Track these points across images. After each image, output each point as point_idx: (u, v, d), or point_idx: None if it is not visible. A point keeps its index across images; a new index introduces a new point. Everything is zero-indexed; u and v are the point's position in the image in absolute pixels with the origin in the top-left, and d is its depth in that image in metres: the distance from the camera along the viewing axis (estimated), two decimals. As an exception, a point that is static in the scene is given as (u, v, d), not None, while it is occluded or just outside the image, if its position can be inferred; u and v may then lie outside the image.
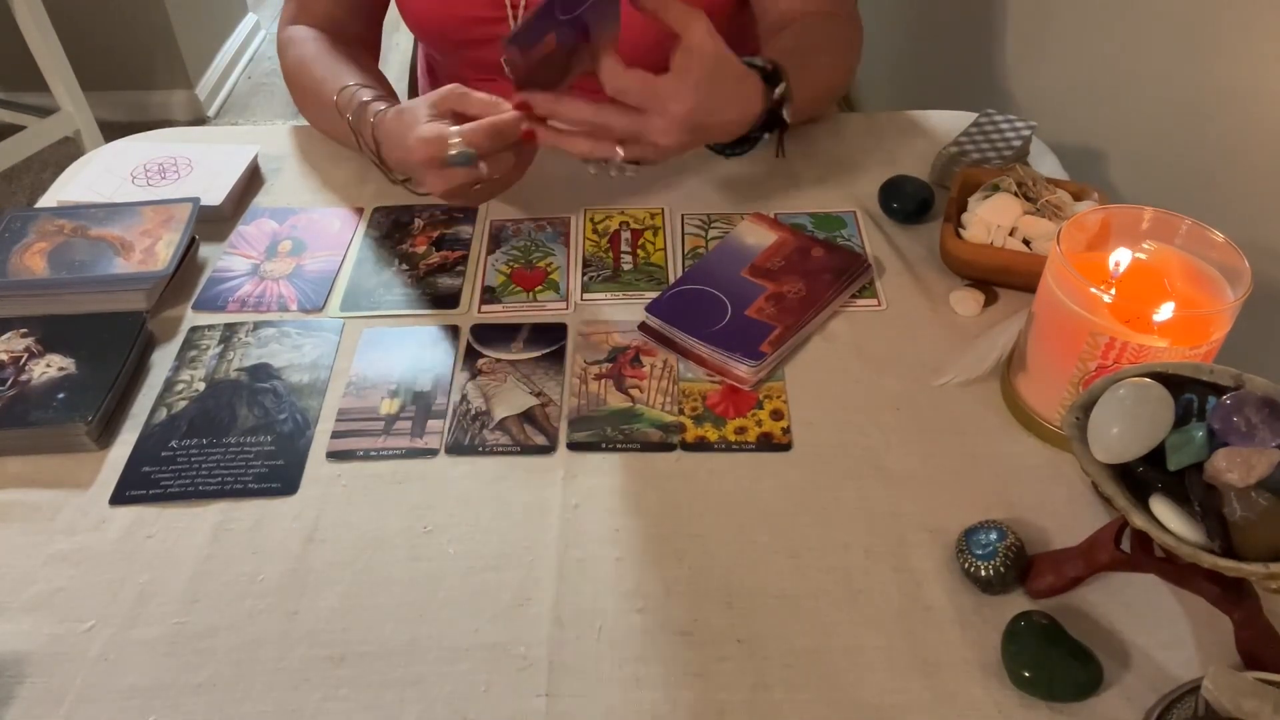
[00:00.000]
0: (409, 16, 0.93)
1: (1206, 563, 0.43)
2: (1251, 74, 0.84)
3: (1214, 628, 0.51)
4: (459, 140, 0.68)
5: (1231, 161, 0.87)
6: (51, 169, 2.34)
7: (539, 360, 0.69)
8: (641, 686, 0.50)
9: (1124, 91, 1.04)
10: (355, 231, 0.82)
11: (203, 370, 0.69)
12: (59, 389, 0.64)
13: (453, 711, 0.49)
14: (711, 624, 0.53)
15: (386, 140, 0.76)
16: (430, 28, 0.94)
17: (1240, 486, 0.44)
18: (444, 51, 1.01)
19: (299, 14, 0.93)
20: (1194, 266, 0.60)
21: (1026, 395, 0.63)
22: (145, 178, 0.86)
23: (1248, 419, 0.45)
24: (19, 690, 0.50)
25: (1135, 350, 0.55)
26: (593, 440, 0.63)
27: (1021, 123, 0.87)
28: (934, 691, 0.49)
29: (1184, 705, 0.45)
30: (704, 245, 0.79)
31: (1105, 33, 1.08)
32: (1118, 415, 0.47)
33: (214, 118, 2.75)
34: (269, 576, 0.55)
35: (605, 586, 0.55)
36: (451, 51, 0.98)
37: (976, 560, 0.53)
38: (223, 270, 0.78)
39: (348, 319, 0.73)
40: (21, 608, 0.54)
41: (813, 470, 0.61)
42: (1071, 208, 0.74)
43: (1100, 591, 0.53)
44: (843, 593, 0.54)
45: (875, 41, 2.18)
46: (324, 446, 0.63)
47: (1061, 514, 0.58)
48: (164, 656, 0.52)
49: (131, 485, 0.61)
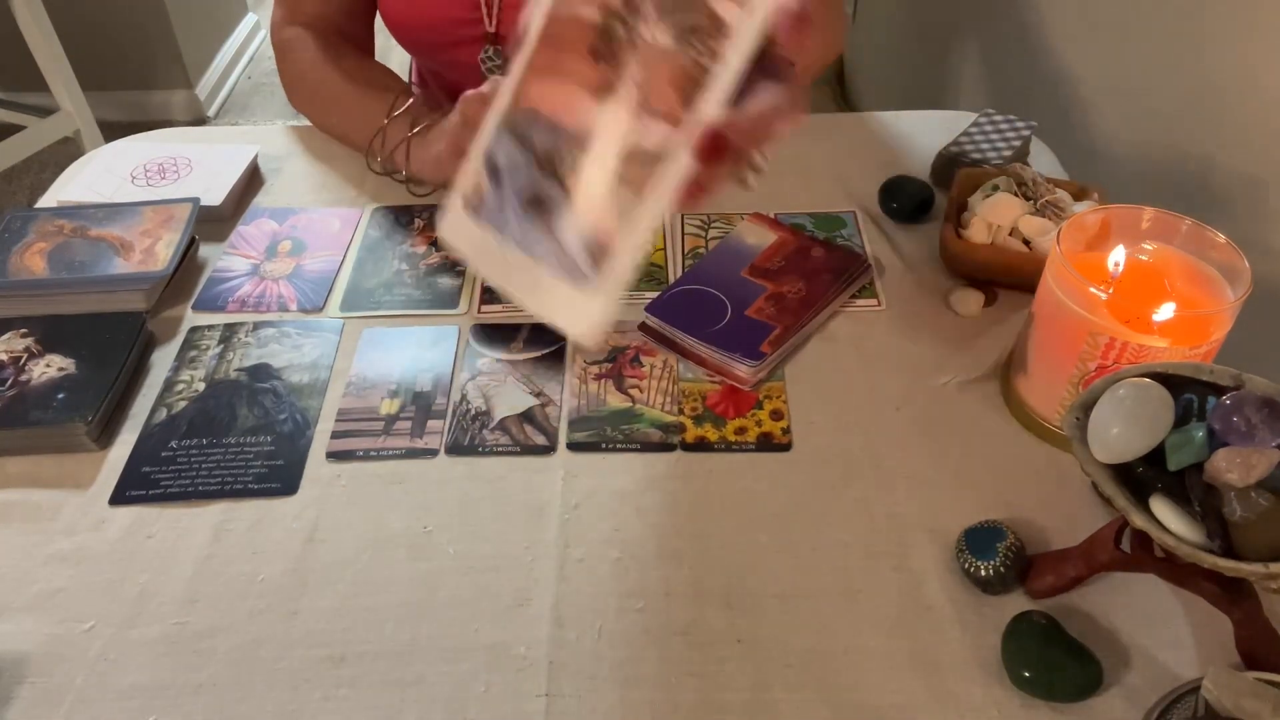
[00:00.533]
0: (387, 19, 0.94)
1: (1206, 563, 0.43)
2: (1252, 74, 0.84)
3: (1214, 628, 0.51)
4: None
5: (1231, 162, 0.87)
6: (51, 169, 2.34)
7: (539, 360, 0.69)
8: (641, 686, 0.50)
9: (1124, 91, 1.04)
10: (355, 231, 0.82)
11: (203, 370, 0.69)
12: (59, 389, 0.64)
13: (453, 711, 0.49)
14: (711, 624, 0.53)
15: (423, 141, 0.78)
16: (407, 31, 0.94)
17: (1240, 486, 0.44)
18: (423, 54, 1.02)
19: (293, 14, 0.94)
20: (1194, 266, 0.60)
21: (1026, 395, 0.63)
22: (145, 178, 0.86)
23: (1248, 419, 0.45)
24: (19, 690, 0.50)
25: (1135, 350, 0.55)
26: (593, 440, 0.63)
27: (1021, 123, 0.87)
28: (934, 691, 0.49)
29: (1184, 705, 0.45)
30: (704, 245, 0.79)
31: (1105, 32, 1.08)
32: (1118, 415, 0.47)
33: (214, 118, 2.75)
34: (269, 576, 0.55)
35: (605, 586, 0.55)
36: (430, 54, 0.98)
37: (976, 560, 0.53)
38: (223, 270, 0.78)
39: (348, 319, 0.73)
40: (21, 608, 0.54)
41: (813, 470, 0.61)
42: (1071, 208, 0.74)
43: (1100, 591, 0.53)
44: (843, 593, 0.54)
45: (875, 41, 2.18)
46: (324, 446, 0.63)
47: (1061, 514, 0.58)
48: (164, 656, 0.52)
49: (131, 485, 0.61)
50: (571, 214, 0.43)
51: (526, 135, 0.45)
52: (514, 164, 0.45)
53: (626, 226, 0.42)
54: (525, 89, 0.45)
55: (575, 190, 0.43)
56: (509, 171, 0.45)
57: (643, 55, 0.41)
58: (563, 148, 0.43)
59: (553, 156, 0.44)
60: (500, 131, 0.46)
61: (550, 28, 0.44)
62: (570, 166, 0.43)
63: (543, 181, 0.44)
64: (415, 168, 0.81)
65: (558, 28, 0.44)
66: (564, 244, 0.43)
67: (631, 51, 0.42)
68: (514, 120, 0.45)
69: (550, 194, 0.44)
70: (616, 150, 0.42)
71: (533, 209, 0.44)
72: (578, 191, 0.43)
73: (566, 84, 0.44)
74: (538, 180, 0.44)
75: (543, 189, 0.44)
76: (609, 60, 0.42)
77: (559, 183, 0.43)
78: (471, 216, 0.47)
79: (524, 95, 0.45)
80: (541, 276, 0.44)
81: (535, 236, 0.44)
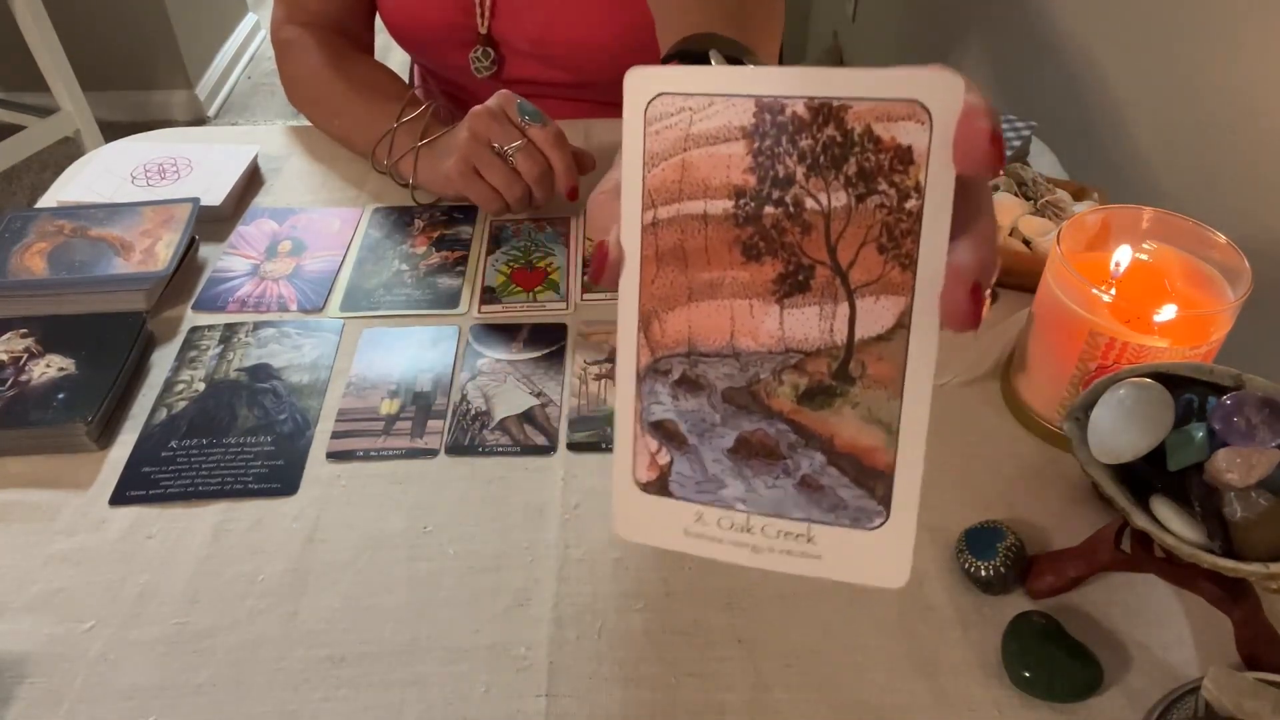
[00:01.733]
0: (385, 20, 0.94)
1: (1206, 563, 0.43)
2: (1252, 74, 0.84)
3: (1214, 628, 0.51)
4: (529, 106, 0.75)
5: (1231, 161, 0.87)
6: (51, 169, 2.34)
7: (539, 360, 0.69)
8: (641, 686, 0.50)
9: (1124, 91, 1.04)
10: (355, 231, 0.82)
11: (203, 370, 0.69)
12: (59, 389, 0.64)
13: (453, 711, 0.49)
14: (711, 624, 0.53)
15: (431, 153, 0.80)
16: (404, 32, 0.95)
17: (1240, 486, 0.44)
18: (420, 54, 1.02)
19: (294, 13, 0.94)
20: (1194, 266, 0.60)
21: (1026, 395, 0.63)
22: (145, 178, 0.86)
23: (1248, 419, 0.45)
24: (19, 690, 0.50)
25: (1135, 350, 0.55)
26: (593, 440, 0.63)
27: (1021, 123, 0.87)
28: (934, 691, 0.49)
29: (1184, 705, 0.45)
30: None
31: (1106, 33, 1.08)
32: (1118, 415, 0.47)
33: (214, 118, 2.76)
34: (269, 576, 0.55)
35: (605, 586, 0.55)
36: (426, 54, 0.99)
37: (976, 560, 0.53)
38: (223, 270, 0.78)
39: (348, 319, 0.73)
40: (21, 608, 0.54)
41: (813, 470, 0.61)
42: (1071, 208, 0.74)
43: (1100, 591, 0.53)
44: (843, 593, 0.54)
45: (876, 41, 2.18)
46: (324, 447, 0.63)
47: (1061, 514, 0.58)
48: (164, 656, 0.52)
49: (131, 485, 0.61)
50: (813, 444, 0.34)
51: (695, 378, 0.35)
52: (696, 416, 0.36)
53: (892, 434, 0.33)
54: (659, 326, 0.35)
55: (806, 418, 0.34)
56: (694, 426, 0.36)
57: (815, 229, 0.32)
58: (760, 373, 0.34)
59: (752, 389, 0.34)
60: (650, 388, 0.36)
61: (663, 241, 0.35)
62: (784, 391, 0.34)
63: (752, 420, 0.35)
64: (422, 179, 0.82)
65: (675, 238, 0.34)
66: (820, 484, 0.34)
67: (798, 230, 0.33)
68: (662, 367, 0.36)
69: (773, 432, 0.34)
70: (834, 353, 0.33)
71: (754, 456, 0.35)
72: (808, 418, 0.34)
73: (721, 298, 0.34)
74: (743, 421, 0.35)
75: (767, 430, 0.35)
76: (770, 251, 0.33)
77: (775, 416, 0.34)
78: (661, 500, 0.36)
79: (661, 333, 0.36)
80: (811, 533, 0.35)
81: (772, 490, 0.35)
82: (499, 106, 0.76)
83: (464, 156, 0.75)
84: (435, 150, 0.80)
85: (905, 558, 0.33)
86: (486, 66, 0.93)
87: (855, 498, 0.33)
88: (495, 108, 0.76)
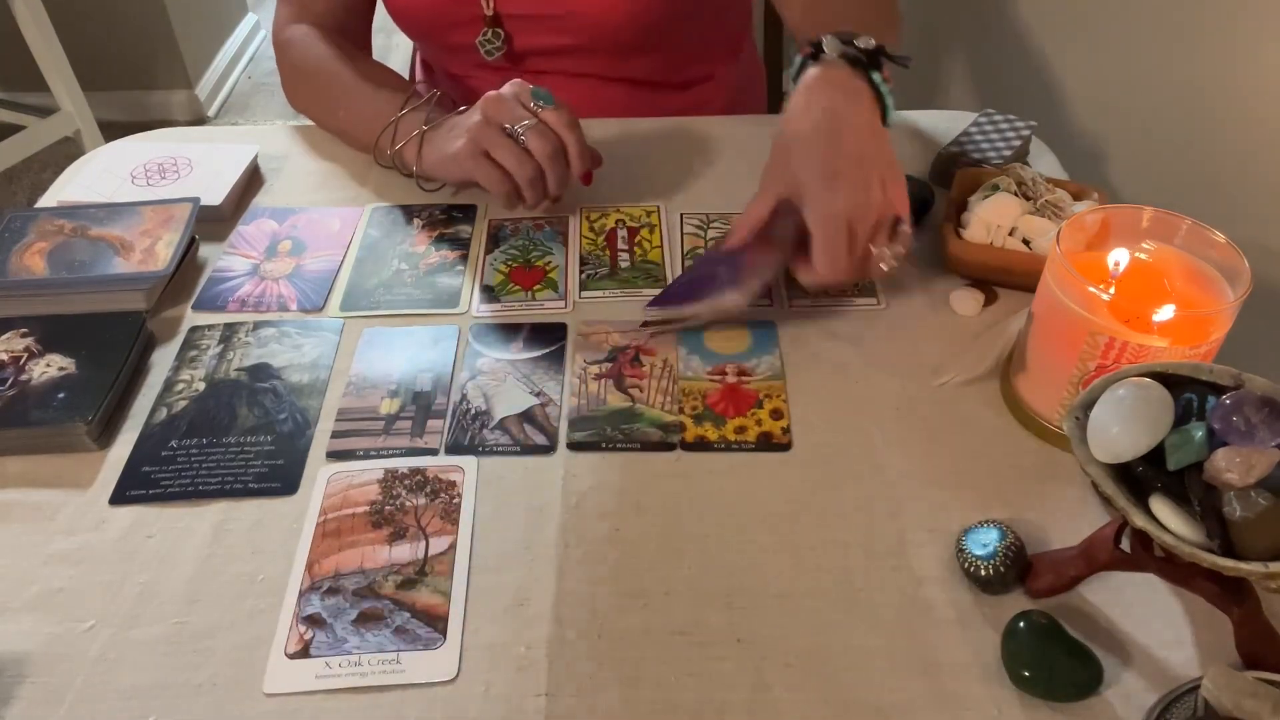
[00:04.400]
0: (391, 7, 0.94)
1: (1206, 562, 0.43)
2: (1252, 74, 0.84)
3: (1214, 628, 0.51)
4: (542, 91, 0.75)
5: (1231, 161, 0.87)
6: (51, 169, 2.34)
7: (539, 360, 0.69)
8: (641, 686, 0.50)
9: (1124, 91, 1.04)
10: (355, 231, 0.82)
11: (203, 370, 0.69)
12: (59, 389, 0.64)
13: (453, 711, 0.49)
14: (711, 624, 0.53)
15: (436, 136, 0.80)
16: (412, 19, 0.95)
17: (1240, 486, 0.44)
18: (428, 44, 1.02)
19: (300, 13, 0.94)
20: (1194, 266, 0.59)
21: (1026, 395, 0.63)
22: (145, 178, 0.86)
23: (1247, 419, 0.45)
24: (19, 690, 0.50)
25: (1135, 350, 0.55)
26: (593, 440, 0.63)
27: (1021, 123, 0.87)
28: (934, 691, 0.49)
29: (1184, 705, 0.45)
30: (703, 245, 0.79)
31: (1105, 32, 1.08)
32: (1118, 415, 0.47)
33: (214, 118, 2.76)
34: (269, 576, 0.55)
35: (605, 586, 0.55)
36: (431, 38, 0.99)
37: (976, 560, 0.53)
38: (223, 270, 0.78)
39: (348, 319, 0.73)
40: (21, 608, 0.54)
41: (813, 470, 0.61)
42: (1071, 208, 0.74)
43: (1100, 591, 0.54)
44: (843, 593, 0.54)
45: (875, 41, 2.18)
46: (324, 446, 0.63)
47: (1061, 514, 0.58)
48: (164, 656, 0.52)
49: (131, 485, 0.61)
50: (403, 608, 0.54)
51: (336, 588, 0.55)
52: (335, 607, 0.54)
53: (448, 597, 0.54)
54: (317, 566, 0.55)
55: (401, 595, 0.54)
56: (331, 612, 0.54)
57: (410, 514, 0.58)
58: (376, 577, 0.55)
59: (371, 584, 0.55)
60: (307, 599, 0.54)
61: (328, 529, 0.57)
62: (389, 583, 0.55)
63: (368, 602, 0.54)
64: (427, 164, 0.81)
65: (334, 526, 0.57)
66: (406, 629, 0.52)
67: (401, 516, 0.59)
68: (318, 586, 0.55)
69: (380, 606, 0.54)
70: (417, 564, 0.56)
71: (368, 621, 0.53)
72: (402, 595, 0.54)
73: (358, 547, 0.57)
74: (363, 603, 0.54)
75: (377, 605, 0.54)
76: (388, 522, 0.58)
77: (384, 597, 0.54)
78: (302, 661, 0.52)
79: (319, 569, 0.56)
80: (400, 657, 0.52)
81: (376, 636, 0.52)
82: (512, 92, 0.76)
83: (474, 138, 0.75)
84: (442, 133, 0.79)
85: (455, 662, 0.51)
86: (497, 47, 0.93)
87: (427, 633, 0.52)
88: (508, 93, 0.76)
